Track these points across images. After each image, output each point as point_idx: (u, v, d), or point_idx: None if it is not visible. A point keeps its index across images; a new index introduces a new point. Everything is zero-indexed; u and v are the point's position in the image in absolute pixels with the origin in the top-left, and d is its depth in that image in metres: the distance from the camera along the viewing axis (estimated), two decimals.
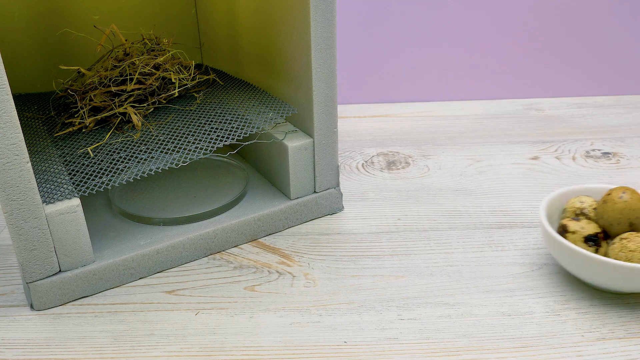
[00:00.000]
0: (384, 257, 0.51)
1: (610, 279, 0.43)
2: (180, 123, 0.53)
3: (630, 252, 0.42)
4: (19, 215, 0.42)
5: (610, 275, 0.42)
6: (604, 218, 0.46)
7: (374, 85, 0.89)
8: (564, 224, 0.46)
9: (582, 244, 0.45)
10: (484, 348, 0.41)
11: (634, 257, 0.42)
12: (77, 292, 0.47)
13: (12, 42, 0.64)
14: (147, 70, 0.56)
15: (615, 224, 0.45)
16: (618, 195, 0.45)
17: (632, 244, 0.43)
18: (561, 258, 0.45)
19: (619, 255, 0.43)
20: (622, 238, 0.44)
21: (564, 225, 0.46)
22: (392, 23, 0.85)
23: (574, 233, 0.45)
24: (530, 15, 0.85)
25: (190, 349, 0.42)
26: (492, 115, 0.82)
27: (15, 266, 0.51)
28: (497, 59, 0.88)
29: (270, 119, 0.52)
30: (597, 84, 0.90)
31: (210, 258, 0.52)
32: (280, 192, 0.57)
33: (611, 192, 0.46)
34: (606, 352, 0.40)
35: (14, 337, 0.43)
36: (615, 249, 0.43)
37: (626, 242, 0.43)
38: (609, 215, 0.45)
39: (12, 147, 0.40)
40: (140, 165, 0.48)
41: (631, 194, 0.45)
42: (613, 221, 0.45)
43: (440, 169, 0.67)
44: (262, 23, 0.57)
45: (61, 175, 0.47)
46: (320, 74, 0.51)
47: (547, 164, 0.67)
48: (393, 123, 0.80)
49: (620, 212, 0.45)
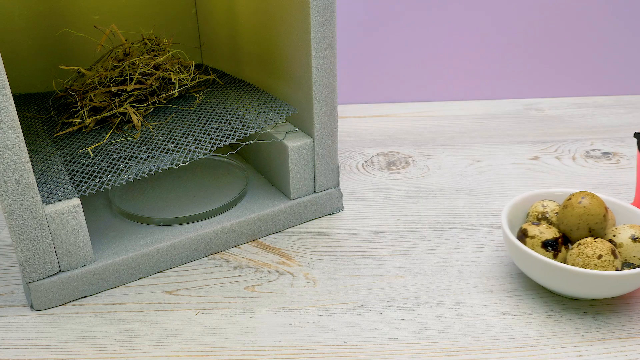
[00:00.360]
0: (384, 257, 0.51)
1: (566, 284, 0.42)
2: (180, 123, 0.53)
3: (587, 257, 0.42)
4: (19, 215, 0.42)
5: (565, 281, 0.42)
6: (564, 223, 0.45)
7: (374, 85, 0.89)
8: (524, 229, 0.45)
9: (540, 249, 0.44)
10: (484, 348, 0.41)
11: (591, 262, 0.42)
12: (77, 292, 0.47)
13: (12, 42, 0.64)
14: (147, 70, 0.56)
15: (575, 229, 0.45)
16: (577, 200, 0.45)
17: (589, 250, 0.42)
18: (519, 263, 0.45)
19: (576, 261, 0.42)
20: (580, 243, 0.43)
21: (524, 230, 0.45)
22: (392, 23, 0.85)
23: (533, 238, 0.44)
24: (530, 16, 0.85)
25: (190, 349, 0.42)
26: (492, 115, 0.82)
27: (15, 266, 0.51)
28: (497, 59, 0.88)
29: (270, 119, 0.52)
30: (597, 84, 0.90)
31: (210, 258, 0.52)
32: (280, 192, 0.57)
33: (571, 196, 0.46)
34: (606, 352, 0.40)
35: (14, 337, 0.43)
36: (573, 254, 0.43)
37: (583, 248, 0.42)
38: (568, 220, 0.45)
39: (12, 147, 0.40)
40: (140, 165, 0.48)
41: (590, 199, 0.45)
42: (572, 226, 0.45)
43: (440, 169, 0.67)
44: (262, 23, 0.57)
45: (61, 175, 0.47)
46: (320, 74, 0.51)
47: (547, 164, 0.67)
48: (393, 123, 0.80)
49: (579, 217, 0.44)
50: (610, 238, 0.45)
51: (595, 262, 0.41)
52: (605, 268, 0.41)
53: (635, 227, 0.45)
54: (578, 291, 0.43)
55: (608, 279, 0.41)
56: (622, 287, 0.42)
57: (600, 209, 0.44)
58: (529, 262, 0.43)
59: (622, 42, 0.87)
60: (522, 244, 0.44)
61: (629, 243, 0.44)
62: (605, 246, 0.42)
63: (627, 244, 0.44)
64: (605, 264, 0.41)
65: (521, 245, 0.44)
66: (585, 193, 0.45)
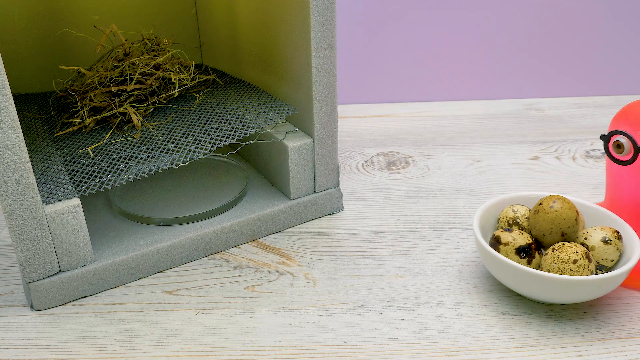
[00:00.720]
0: (384, 257, 0.51)
1: (543, 291, 0.42)
2: (180, 123, 0.53)
3: (562, 263, 0.41)
4: (19, 215, 0.42)
5: (544, 288, 0.41)
6: (536, 228, 0.45)
7: (374, 85, 0.89)
8: (496, 236, 0.45)
9: (514, 255, 0.43)
10: (484, 348, 0.41)
11: (566, 268, 0.41)
12: (77, 292, 0.47)
13: (12, 42, 0.64)
14: (147, 70, 0.56)
15: (548, 234, 0.44)
16: (549, 205, 0.44)
17: (563, 255, 0.42)
18: (494, 270, 0.44)
19: (552, 267, 0.42)
20: (554, 249, 0.43)
21: (497, 237, 0.44)
22: (392, 23, 0.85)
23: (506, 245, 0.44)
24: (530, 16, 0.85)
25: (190, 349, 0.42)
26: (492, 115, 0.82)
27: (15, 266, 0.51)
28: (497, 59, 0.88)
29: (270, 119, 0.52)
30: (597, 84, 0.90)
31: (210, 258, 0.52)
32: (280, 192, 0.57)
33: (542, 201, 0.45)
34: (606, 352, 0.40)
35: (14, 337, 0.43)
36: (548, 260, 0.42)
37: (558, 253, 0.42)
38: (540, 225, 0.44)
39: (12, 147, 0.40)
40: (140, 165, 0.48)
41: (562, 203, 0.44)
42: (545, 231, 0.44)
43: (440, 169, 0.67)
44: (262, 23, 0.57)
45: (61, 175, 0.47)
46: (320, 74, 0.51)
47: (547, 164, 0.67)
48: (393, 123, 0.80)
49: (551, 222, 0.44)
50: (582, 241, 0.44)
51: (571, 267, 0.41)
52: (580, 273, 0.41)
53: (606, 229, 0.45)
54: (555, 297, 0.42)
55: (586, 284, 0.40)
56: (599, 291, 0.41)
57: (572, 212, 0.44)
58: (505, 270, 0.43)
59: (622, 42, 0.87)
60: (495, 251, 0.43)
61: (601, 245, 0.44)
62: (579, 250, 0.42)
63: (599, 246, 0.44)
64: (580, 269, 0.41)
65: (497, 254, 0.43)
66: (556, 197, 0.45)
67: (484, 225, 0.48)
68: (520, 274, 0.42)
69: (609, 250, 0.44)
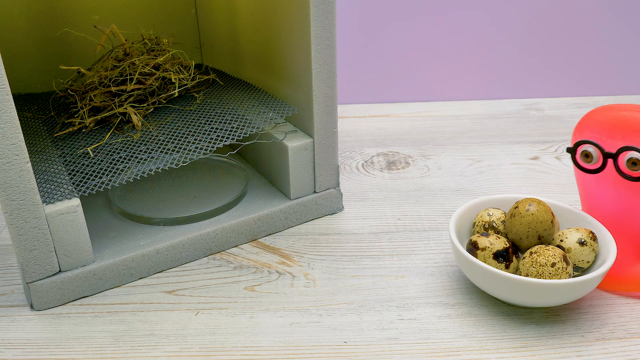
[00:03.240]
0: (384, 257, 0.51)
1: (523, 295, 0.41)
2: (180, 123, 0.53)
3: (540, 266, 0.41)
4: (19, 215, 0.42)
5: (523, 292, 0.41)
6: (513, 232, 0.44)
7: (374, 85, 0.89)
8: (473, 241, 0.44)
9: (492, 260, 0.43)
10: (484, 348, 0.41)
11: (545, 271, 0.41)
12: (77, 292, 0.47)
13: (12, 42, 0.64)
14: (147, 70, 0.56)
15: (524, 238, 0.44)
16: (525, 208, 0.44)
17: (542, 259, 0.41)
18: (473, 276, 0.44)
19: (530, 271, 0.41)
20: (532, 252, 0.42)
21: (474, 242, 0.44)
22: (392, 23, 0.85)
23: (484, 250, 0.43)
24: (530, 16, 0.85)
25: (190, 349, 0.42)
26: (492, 115, 0.82)
27: (15, 266, 0.51)
28: (497, 59, 0.88)
29: (270, 119, 0.52)
30: (597, 84, 0.90)
31: (210, 258, 0.52)
32: (280, 192, 0.57)
33: (518, 204, 0.45)
34: (606, 352, 0.40)
35: (14, 337, 0.43)
36: (526, 263, 0.42)
37: (536, 257, 0.42)
38: (517, 229, 0.44)
39: (12, 147, 0.40)
40: (140, 165, 0.48)
41: (538, 206, 0.44)
42: (522, 235, 0.44)
43: (440, 169, 0.67)
44: (262, 23, 0.57)
45: (61, 175, 0.47)
46: (320, 74, 0.51)
47: (547, 164, 0.67)
48: (393, 123, 0.80)
49: (528, 226, 0.44)
50: (557, 243, 0.44)
51: (550, 271, 0.41)
52: (559, 276, 0.41)
53: (581, 230, 0.44)
54: (536, 301, 0.42)
55: (567, 287, 0.40)
56: (578, 293, 0.41)
57: (548, 215, 0.44)
58: (484, 276, 0.42)
59: (622, 42, 0.87)
60: (473, 256, 0.43)
61: (577, 247, 0.44)
62: (557, 253, 0.42)
63: (575, 248, 0.44)
64: (559, 272, 0.41)
65: (475, 260, 0.42)
66: (531, 200, 0.45)
67: (460, 230, 0.47)
68: (500, 280, 0.41)
69: (584, 252, 0.44)
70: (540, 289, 0.40)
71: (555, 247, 0.42)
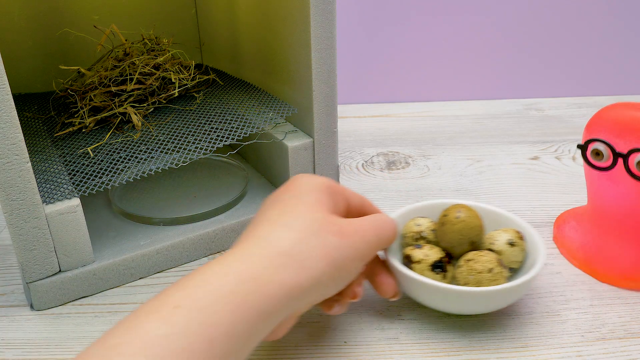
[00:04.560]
0: None
1: (466, 305, 0.41)
2: (180, 123, 0.53)
3: (478, 273, 0.40)
4: (19, 215, 0.42)
5: (465, 302, 0.41)
6: (445, 240, 0.44)
7: (374, 85, 0.89)
8: (407, 254, 0.43)
9: (429, 272, 0.42)
10: (484, 348, 0.41)
11: (483, 278, 0.40)
12: (77, 292, 0.47)
13: (12, 42, 0.64)
14: (147, 70, 0.56)
15: (457, 245, 0.43)
16: (455, 215, 0.43)
17: (478, 265, 0.41)
18: (412, 291, 0.42)
19: (469, 279, 0.41)
20: (467, 260, 0.42)
21: (408, 256, 0.43)
22: (392, 23, 0.85)
23: (420, 262, 0.42)
24: (530, 15, 0.85)
25: None
26: (492, 115, 0.82)
27: (15, 266, 0.51)
28: (497, 59, 0.88)
29: (270, 119, 0.52)
30: (597, 84, 0.90)
31: (210, 258, 0.52)
32: None
33: (447, 212, 0.44)
34: (606, 352, 0.40)
35: (14, 337, 0.43)
36: (463, 272, 0.41)
37: (472, 264, 0.41)
38: (449, 237, 0.43)
39: (12, 147, 0.40)
40: (140, 165, 0.48)
41: (467, 212, 0.43)
42: (455, 243, 0.43)
43: (440, 169, 0.67)
44: (262, 23, 0.57)
45: (61, 175, 0.47)
46: (320, 74, 0.51)
47: (547, 164, 0.67)
48: (393, 123, 0.80)
49: (460, 233, 0.43)
50: (487, 247, 0.44)
51: (488, 277, 0.40)
52: (497, 280, 0.40)
53: (509, 231, 0.44)
54: (481, 308, 0.42)
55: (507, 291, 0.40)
56: (516, 295, 0.41)
57: (478, 220, 0.44)
58: (426, 290, 0.41)
59: (622, 42, 0.87)
60: (410, 270, 0.41)
61: (507, 249, 0.43)
62: (492, 258, 0.41)
63: (505, 250, 0.43)
64: (497, 277, 0.41)
65: (415, 274, 0.41)
66: (460, 206, 0.44)
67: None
68: (443, 293, 0.40)
69: (515, 252, 0.44)
70: (489, 297, 0.40)
71: (490, 252, 0.42)
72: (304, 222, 0.36)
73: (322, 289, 0.36)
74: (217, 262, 0.33)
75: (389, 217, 0.42)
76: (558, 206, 0.57)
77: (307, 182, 0.39)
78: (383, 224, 0.40)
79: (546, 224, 0.55)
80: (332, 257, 0.35)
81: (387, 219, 0.41)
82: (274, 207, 0.38)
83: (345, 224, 0.37)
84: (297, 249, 0.34)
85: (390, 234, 0.41)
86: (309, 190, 0.38)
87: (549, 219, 0.56)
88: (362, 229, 0.38)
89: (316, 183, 0.39)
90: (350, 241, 0.37)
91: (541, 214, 0.57)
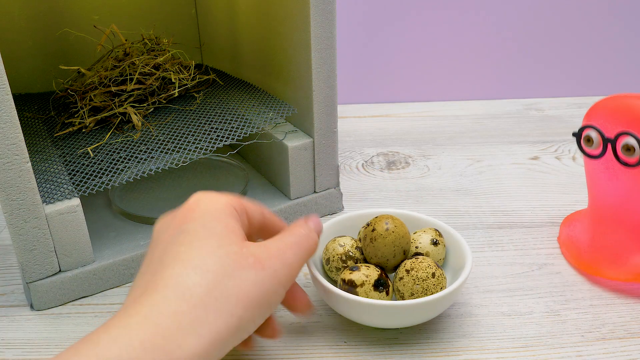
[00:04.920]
0: None
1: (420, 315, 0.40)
2: (180, 123, 0.53)
3: (423, 281, 0.40)
4: (19, 215, 0.42)
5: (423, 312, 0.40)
6: (378, 255, 0.42)
7: (374, 85, 0.89)
8: (348, 280, 0.40)
9: (373, 292, 0.40)
10: (484, 348, 0.41)
11: (429, 285, 0.40)
12: (77, 292, 0.47)
13: (12, 42, 0.64)
14: (147, 70, 0.56)
15: (391, 257, 0.42)
16: (383, 228, 0.42)
17: (420, 273, 0.40)
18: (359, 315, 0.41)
19: (415, 289, 0.40)
20: (407, 270, 0.41)
21: (349, 281, 0.40)
22: (392, 23, 0.85)
23: (363, 285, 0.40)
24: (530, 16, 0.85)
25: None
26: (492, 115, 0.82)
27: (15, 266, 0.51)
28: (497, 59, 0.88)
29: (270, 119, 0.52)
30: (597, 84, 0.90)
31: None
32: (280, 192, 0.57)
33: (374, 227, 0.42)
34: (606, 352, 0.40)
35: (14, 337, 0.43)
36: (407, 283, 0.40)
37: (415, 273, 0.40)
38: (382, 251, 0.42)
39: (12, 147, 0.40)
40: (140, 165, 0.48)
41: (393, 222, 0.42)
42: (389, 255, 0.42)
43: (440, 169, 0.67)
44: (262, 23, 0.57)
45: (61, 175, 0.47)
46: (320, 74, 0.51)
47: (547, 164, 0.67)
48: (393, 123, 0.80)
49: (393, 245, 0.42)
50: (414, 251, 0.44)
51: (433, 282, 0.40)
52: (441, 283, 0.40)
53: (428, 231, 0.45)
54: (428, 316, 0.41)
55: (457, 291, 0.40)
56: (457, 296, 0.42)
57: (405, 227, 0.43)
58: (379, 312, 0.39)
59: (622, 42, 0.87)
60: (355, 295, 0.39)
61: (432, 249, 0.44)
62: (430, 263, 0.41)
63: (431, 250, 0.44)
64: (440, 279, 0.40)
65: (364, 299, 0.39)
66: (385, 217, 0.43)
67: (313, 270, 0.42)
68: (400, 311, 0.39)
69: (439, 250, 0.44)
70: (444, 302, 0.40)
71: (425, 258, 0.41)
72: (218, 260, 0.32)
73: (243, 334, 0.32)
74: (117, 322, 0.30)
75: (303, 227, 0.38)
76: (558, 206, 0.57)
77: (212, 207, 0.35)
78: (299, 239, 0.37)
79: (546, 224, 0.55)
80: (251, 297, 0.32)
81: (301, 232, 0.37)
82: (180, 242, 0.33)
83: (260, 252, 0.34)
84: (212, 296, 0.31)
85: (308, 245, 0.37)
86: (216, 217, 0.34)
87: (549, 219, 0.56)
88: (279, 252, 0.35)
89: (221, 206, 0.35)
90: (271, 270, 0.33)
91: (541, 214, 0.57)
